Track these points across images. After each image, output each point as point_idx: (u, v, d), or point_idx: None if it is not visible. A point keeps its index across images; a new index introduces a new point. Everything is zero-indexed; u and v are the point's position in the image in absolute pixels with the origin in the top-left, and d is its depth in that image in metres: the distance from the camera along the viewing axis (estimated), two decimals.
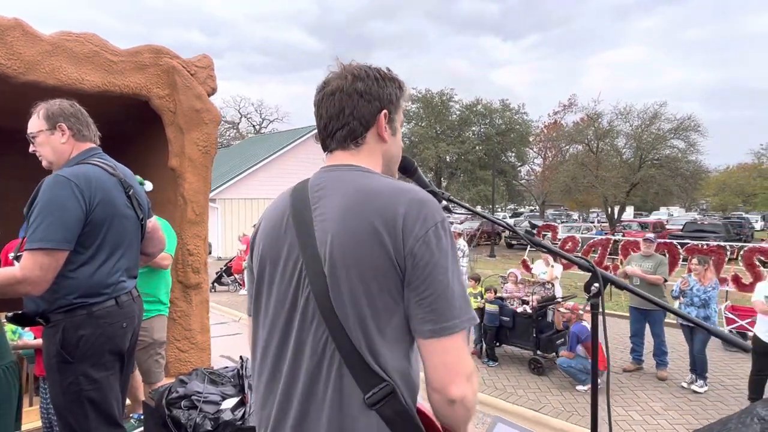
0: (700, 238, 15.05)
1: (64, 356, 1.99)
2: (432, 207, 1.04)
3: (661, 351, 5.88)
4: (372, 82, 1.13)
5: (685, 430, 4.50)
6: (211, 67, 3.92)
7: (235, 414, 2.56)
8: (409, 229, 1.00)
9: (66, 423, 2.07)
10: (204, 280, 3.97)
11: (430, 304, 1.00)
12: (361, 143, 1.15)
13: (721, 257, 9.36)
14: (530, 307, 6.33)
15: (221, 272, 12.69)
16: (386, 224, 1.01)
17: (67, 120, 2.13)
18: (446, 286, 1.00)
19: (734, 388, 5.51)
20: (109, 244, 2.08)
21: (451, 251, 1.04)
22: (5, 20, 2.91)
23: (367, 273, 1.01)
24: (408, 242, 1.00)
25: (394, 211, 1.01)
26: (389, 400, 1.02)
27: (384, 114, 1.15)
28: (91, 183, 2.00)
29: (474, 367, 1.05)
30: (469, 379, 1.01)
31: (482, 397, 5.35)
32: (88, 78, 3.23)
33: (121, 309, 2.13)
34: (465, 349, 1.03)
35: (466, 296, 1.04)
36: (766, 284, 4.89)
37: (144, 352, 3.26)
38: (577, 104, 29.36)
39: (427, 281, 1.00)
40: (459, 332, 1.00)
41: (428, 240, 1.00)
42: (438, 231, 1.02)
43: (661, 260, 6.07)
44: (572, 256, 1.41)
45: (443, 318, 0.99)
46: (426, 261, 1.00)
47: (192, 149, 3.76)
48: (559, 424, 4.67)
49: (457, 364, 1.00)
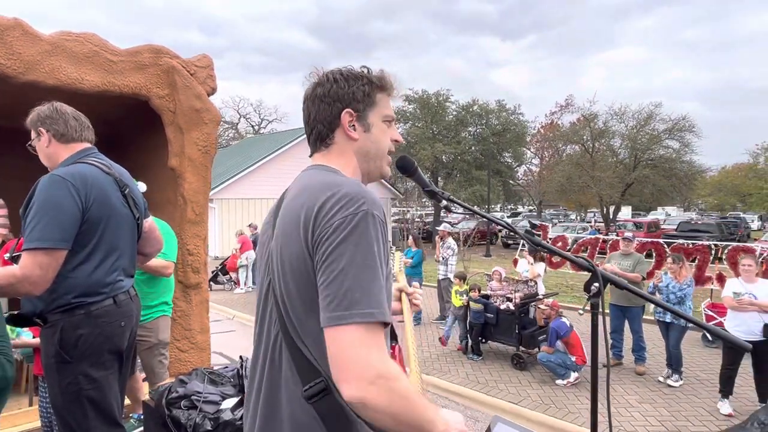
0: (693, 238, 15.22)
1: (63, 356, 1.99)
2: (354, 200, 1.01)
3: (639, 347, 6.09)
4: (330, 84, 1.18)
5: (657, 421, 4.70)
6: (211, 66, 3.92)
7: (234, 414, 2.56)
8: (321, 217, 1.01)
9: (65, 423, 2.07)
10: (204, 280, 3.97)
11: (324, 290, 0.97)
12: (330, 143, 1.20)
13: (705, 256, 9.58)
14: (513, 304, 6.50)
15: (217, 271, 12.72)
16: (306, 214, 1.04)
17: (44, 123, 2.14)
18: (341, 275, 0.95)
19: (708, 382, 5.69)
20: (106, 243, 2.08)
21: (360, 243, 0.97)
22: (5, 20, 2.90)
23: (293, 263, 1.04)
24: (317, 230, 1.01)
25: (315, 202, 1.03)
26: (324, 395, 1.01)
27: (347, 113, 1.18)
28: (87, 182, 2.01)
29: (385, 369, 0.93)
30: (371, 381, 0.91)
31: (464, 391, 5.55)
32: (88, 78, 3.23)
33: (119, 308, 2.14)
34: (364, 345, 0.93)
35: (371, 289, 0.96)
36: (735, 281, 5.04)
37: (149, 352, 3.27)
38: (573, 105, 29.44)
39: (324, 268, 0.98)
40: (350, 324, 0.93)
41: (333, 228, 0.98)
42: (349, 221, 0.98)
43: (639, 258, 6.25)
44: (572, 256, 1.42)
45: (332, 307, 0.95)
46: (326, 248, 0.98)
47: (192, 149, 3.76)
48: (535, 416, 4.86)
49: (346, 361, 0.92)
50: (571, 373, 5.65)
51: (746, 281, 4.91)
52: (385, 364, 0.94)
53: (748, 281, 4.89)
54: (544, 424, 4.73)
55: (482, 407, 5.26)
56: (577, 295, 10.98)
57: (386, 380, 0.92)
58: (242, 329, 8.73)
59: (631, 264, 6.06)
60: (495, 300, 6.77)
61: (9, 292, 1.87)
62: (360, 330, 0.93)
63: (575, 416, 4.81)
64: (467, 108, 27.98)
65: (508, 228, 1.46)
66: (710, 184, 36.13)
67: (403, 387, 0.94)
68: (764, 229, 30.38)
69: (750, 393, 5.01)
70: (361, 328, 0.93)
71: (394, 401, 0.92)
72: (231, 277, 12.84)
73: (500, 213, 42.44)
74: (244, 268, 12.24)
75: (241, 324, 9.23)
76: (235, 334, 8.30)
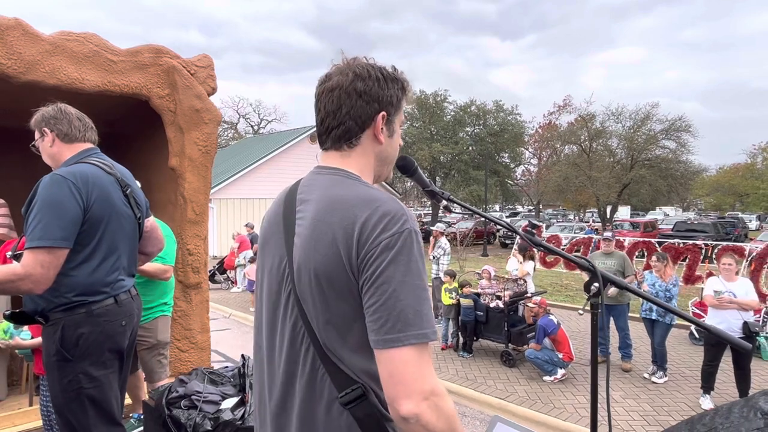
0: (689, 238, 15.31)
1: (64, 354, 2.00)
2: (396, 218, 1.00)
3: (625, 344, 6.17)
4: (373, 82, 1.12)
5: (639, 416, 4.83)
6: (211, 66, 3.92)
7: (234, 414, 2.57)
8: (365, 238, 0.99)
9: (66, 421, 2.08)
10: (204, 280, 3.97)
11: (374, 312, 0.97)
12: (355, 144, 1.15)
13: (696, 256, 9.74)
14: (502, 302, 6.59)
15: (214, 270, 12.79)
16: (345, 233, 1.01)
17: (48, 123, 2.15)
18: (393, 297, 0.96)
19: (693, 379, 5.79)
20: (108, 243, 2.09)
21: (409, 263, 0.98)
22: (5, 20, 2.90)
23: (324, 281, 1.03)
24: (362, 251, 0.99)
25: (354, 220, 1.01)
26: (361, 401, 1.03)
27: (382, 116, 1.14)
28: (88, 181, 2.02)
29: (436, 386, 0.96)
30: (426, 397, 0.94)
31: (453, 387, 5.65)
32: (88, 78, 3.23)
33: (120, 307, 2.15)
34: (417, 364, 0.95)
35: (422, 310, 0.97)
36: (716, 280, 5.11)
37: (148, 352, 3.26)
38: (572, 105, 29.52)
39: (374, 290, 0.98)
40: (405, 345, 0.95)
41: (381, 249, 0.98)
42: (395, 241, 0.98)
43: (623, 257, 6.29)
44: (573, 257, 1.43)
45: (386, 329, 0.96)
46: (374, 269, 0.98)
47: (192, 149, 3.76)
48: (522, 411, 4.99)
49: (403, 378, 0.94)
50: (558, 369, 5.74)
51: (726, 280, 5.00)
52: (436, 381, 0.97)
53: (728, 280, 4.99)
54: (530, 419, 4.83)
55: (470, 403, 5.38)
56: (571, 294, 11.05)
57: (437, 397, 0.95)
58: (238, 327, 8.80)
59: (614, 263, 6.09)
60: (485, 298, 6.87)
61: (10, 290, 1.88)
62: (416, 349, 0.95)
63: (560, 411, 4.94)
64: (465, 108, 28.06)
65: (508, 228, 1.46)
66: (708, 184, 36.22)
67: (449, 406, 0.98)
68: (762, 229, 30.46)
69: (732, 389, 5.11)
70: (418, 348, 0.96)
71: (440, 418, 0.95)
72: (228, 276, 12.91)
73: (499, 213, 42.52)
74: (241, 268, 12.32)
75: (237, 322, 9.29)
76: (231, 332, 8.40)
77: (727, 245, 9.86)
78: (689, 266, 9.68)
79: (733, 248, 9.47)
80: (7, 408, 3.66)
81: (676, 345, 7.18)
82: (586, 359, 6.46)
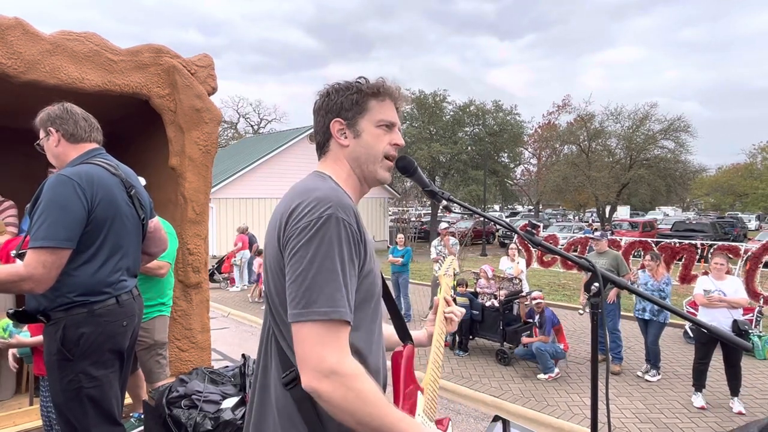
0: (688, 238, 15.30)
1: (65, 354, 2.00)
2: (321, 204, 1.07)
3: (615, 344, 6.17)
4: (323, 98, 1.29)
5: (631, 413, 4.91)
6: (212, 66, 3.92)
7: (235, 413, 2.57)
8: (291, 220, 1.09)
9: (66, 421, 2.08)
10: (204, 280, 3.97)
11: (288, 287, 1.06)
12: (327, 151, 1.30)
13: (692, 255, 9.77)
14: (498, 301, 6.68)
15: (213, 269, 12.81)
16: (281, 217, 1.12)
17: (54, 123, 2.15)
18: (302, 275, 1.03)
19: (685, 377, 5.86)
20: (111, 243, 2.10)
21: (321, 245, 1.04)
22: (6, 19, 2.90)
23: (272, 264, 1.15)
24: (287, 232, 1.09)
25: (290, 206, 1.11)
26: (296, 384, 1.08)
27: (336, 122, 1.26)
28: (93, 182, 2.02)
29: (340, 367, 0.99)
30: (326, 375, 0.98)
31: (448, 385, 5.73)
32: (89, 77, 3.23)
33: (122, 308, 2.15)
34: (318, 341, 1.00)
35: (328, 290, 1.02)
36: (706, 279, 5.18)
37: (145, 353, 3.25)
38: (571, 105, 29.53)
39: (289, 267, 1.07)
40: (308, 321, 1.01)
41: (299, 230, 1.06)
42: (314, 224, 1.05)
43: (616, 256, 6.30)
44: (573, 257, 1.43)
45: (293, 304, 1.04)
46: (291, 248, 1.06)
47: (192, 148, 3.76)
48: (515, 408, 5.07)
49: (302, 353, 1.01)
50: (555, 368, 5.84)
51: (716, 279, 5.06)
52: (340, 361, 1.00)
53: (718, 279, 5.05)
54: (523, 417, 4.89)
55: (465, 400, 5.47)
56: (568, 294, 11.09)
57: (341, 377, 0.99)
58: (236, 326, 8.84)
59: (607, 262, 6.09)
60: (483, 298, 6.94)
61: (12, 288, 1.89)
62: (317, 327, 1.01)
63: (553, 409, 5.00)
64: (464, 108, 28.02)
65: (508, 227, 1.47)
66: (707, 184, 36.23)
67: (360, 387, 1.00)
68: (761, 229, 30.46)
69: (724, 387, 5.16)
70: (319, 326, 1.01)
71: (348, 399, 0.98)
72: (227, 275, 12.94)
73: (499, 213, 42.52)
74: (237, 267, 12.38)
75: (235, 321, 9.33)
76: (229, 331, 8.46)
77: (722, 245, 9.92)
78: (685, 266, 9.72)
79: (728, 248, 9.56)
80: (7, 408, 3.67)
81: (671, 343, 7.26)
82: (580, 358, 6.56)
